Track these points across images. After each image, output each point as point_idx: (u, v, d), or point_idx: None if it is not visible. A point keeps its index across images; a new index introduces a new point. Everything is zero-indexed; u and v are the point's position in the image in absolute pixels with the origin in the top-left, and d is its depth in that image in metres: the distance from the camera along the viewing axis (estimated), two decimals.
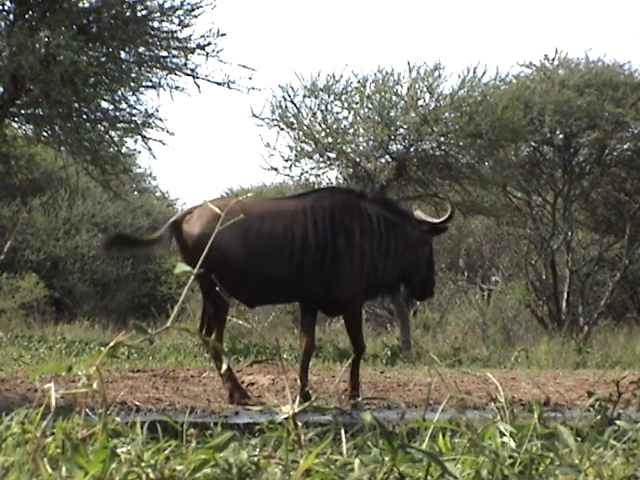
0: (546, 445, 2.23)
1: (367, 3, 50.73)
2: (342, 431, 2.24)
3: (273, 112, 14.49)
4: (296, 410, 2.16)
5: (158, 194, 31.12)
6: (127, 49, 10.32)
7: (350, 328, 8.36)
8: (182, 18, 10.46)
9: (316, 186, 14.98)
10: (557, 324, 16.82)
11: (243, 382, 8.85)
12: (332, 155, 14.64)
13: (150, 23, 10.35)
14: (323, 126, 14.51)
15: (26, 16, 10.03)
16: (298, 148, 14.56)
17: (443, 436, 2.32)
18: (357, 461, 2.08)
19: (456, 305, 18.32)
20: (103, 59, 10.24)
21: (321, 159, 14.69)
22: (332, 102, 14.61)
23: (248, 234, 7.76)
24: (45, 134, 10.59)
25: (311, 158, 14.65)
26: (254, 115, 14.36)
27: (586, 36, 44.90)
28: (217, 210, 2.35)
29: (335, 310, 8.54)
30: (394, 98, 14.49)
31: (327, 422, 2.33)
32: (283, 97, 14.49)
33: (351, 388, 8.09)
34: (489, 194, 15.60)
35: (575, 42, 47.19)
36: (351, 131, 14.59)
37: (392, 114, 14.35)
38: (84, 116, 10.44)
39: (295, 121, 14.51)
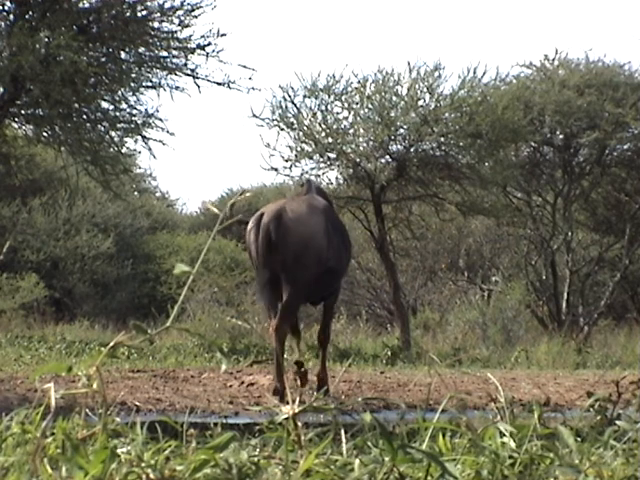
0: (546, 445, 2.23)
1: (367, 3, 50.74)
2: (342, 431, 2.24)
3: (273, 112, 14.48)
4: (296, 410, 2.16)
5: (158, 194, 31.16)
6: (127, 49, 10.33)
7: (330, 317, 8.82)
8: (182, 18, 10.47)
9: None
10: (557, 324, 16.82)
11: (243, 382, 8.86)
12: (332, 155, 14.62)
13: (150, 23, 10.36)
14: (323, 126, 14.50)
15: (26, 16, 10.04)
16: (298, 148, 14.55)
17: (443, 436, 2.32)
18: (357, 461, 2.08)
19: (456, 305, 18.31)
20: (103, 59, 10.25)
21: (321, 159, 14.68)
22: (332, 102, 14.60)
23: (328, 230, 8.09)
24: (45, 134, 10.60)
25: (311, 158, 14.63)
26: (254, 115, 14.35)
27: (586, 36, 44.91)
28: (216, 210, 2.35)
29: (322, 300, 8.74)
30: (394, 98, 14.48)
31: (327, 422, 2.33)
32: (283, 97, 14.49)
33: (324, 376, 8.26)
34: (489, 194, 15.59)
35: (575, 42, 47.21)
36: (351, 131, 14.58)
37: (392, 114, 14.34)
38: (84, 116, 10.45)
39: (295, 121, 14.49)
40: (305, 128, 14.44)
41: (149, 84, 10.44)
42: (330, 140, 14.45)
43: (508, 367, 12.72)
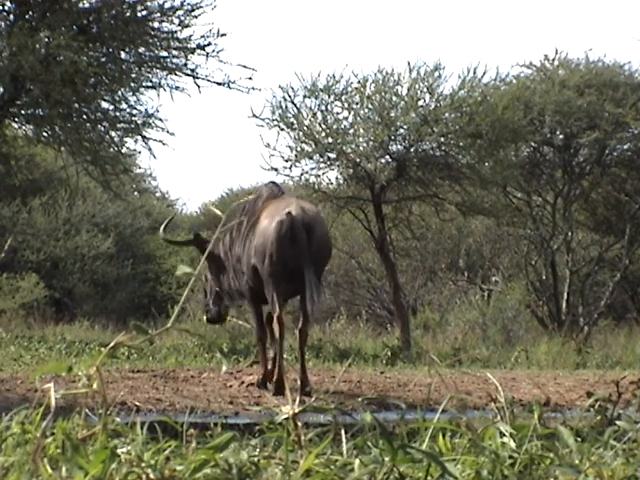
0: (546, 445, 2.22)
1: (367, 3, 50.75)
2: (342, 431, 2.24)
3: (273, 112, 14.47)
4: (296, 410, 2.16)
5: (158, 194, 31.14)
6: (127, 49, 10.33)
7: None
8: (182, 18, 10.47)
9: (316, 186, 14.98)
10: (557, 324, 16.81)
11: (243, 382, 8.86)
12: (332, 155, 14.62)
13: (150, 23, 10.36)
14: (323, 126, 14.49)
15: (26, 16, 10.04)
16: (298, 148, 14.54)
17: (443, 436, 2.32)
18: (357, 461, 2.08)
19: (456, 305, 18.31)
20: (103, 59, 10.25)
21: (321, 159, 14.67)
22: (332, 102, 14.59)
23: None
24: (45, 134, 10.60)
25: (311, 158, 14.63)
26: (254, 115, 14.34)
27: (586, 36, 44.92)
28: (217, 212, 2.36)
29: None
30: (394, 98, 14.48)
31: (327, 422, 2.33)
32: (283, 97, 14.48)
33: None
34: (489, 194, 15.59)
35: (575, 42, 47.22)
36: (351, 131, 14.57)
37: (392, 114, 14.33)
38: (84, 116, 10.45)
39: (295, 121, 14.48)
40: (305, 128, 14.44)
41: (149, 84, 10.45)
42: (330, 140, 14.44)
43: (508, 367, 12.71)
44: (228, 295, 9.17)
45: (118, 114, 10.49)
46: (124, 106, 10.50)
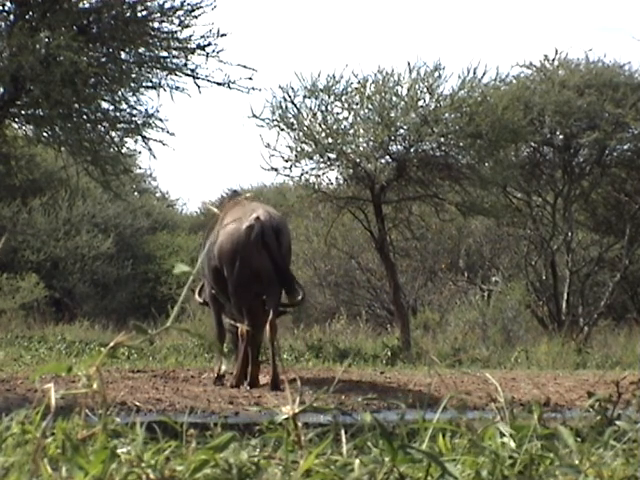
0: (546, 445, 2.22)
1: (367, 3, 50.76)
2: (342, 431, 2.24)
3: (273, 112, 14.46)
4: (296, 410, 2.16)
5: (158, 195, 31.15)
6: (127, 49, 10.33)
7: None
8: (182, 18, 10.47)
9: (316, 187, 14.97)
10: (557, 324, 16.81)
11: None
12: (332, 156, 14.61)
13: (150, 24, 10.36)
14: (323, 127, 14.49)
15: (26, 17, 10.05)
16: (298, 149, 14.53)
17: (443, 436, 2.32)
18: (357, 461, 2.08)
19: (456, 305, 18.30)
20: (103, 59, 10.25)
21: (321, 160, 14.66)
22: (332, 103, 14.59)
23: None
24: (45, 134, 10.59)
25: (311, 159, 14.62)
26: (254, 115, 14.34)
27: (586, 36, 44.93)
28: (215, 210, 2.38)
29: None
30: (394, 99, 14.48)
31: (327, 422, 2.33)
32: (283, 97, 14.48)
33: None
34: (489, 194, 15.58)
35: (575, 42, 47.21)
36: (351, 132, 14.57)
37: (392, 115, 14.33)
38: (84, 117, 10.45)
39: (295, 122, 14.48)
40: (305, 128, 14.43)
41: (149, 84, 10.45)
42: (330, 140, 14.43)
43: (508, 367, 12.71)
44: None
45: (118, 114, 10.48)
46: (124, 106, 10.50)
